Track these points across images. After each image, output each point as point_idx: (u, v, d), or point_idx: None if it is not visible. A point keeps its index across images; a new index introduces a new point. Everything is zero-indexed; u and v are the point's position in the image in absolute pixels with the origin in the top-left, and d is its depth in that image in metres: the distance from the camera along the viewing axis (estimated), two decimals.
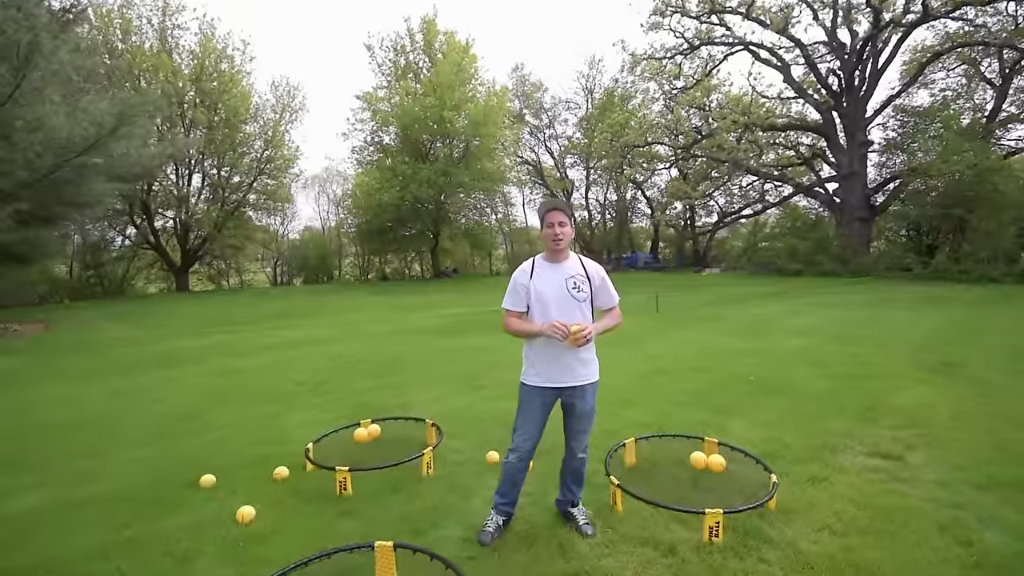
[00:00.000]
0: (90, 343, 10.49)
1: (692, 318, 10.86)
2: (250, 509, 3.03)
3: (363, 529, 2.86)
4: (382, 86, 28.36)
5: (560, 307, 2.57)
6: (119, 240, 28.91)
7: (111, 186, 13.32)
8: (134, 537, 2.89)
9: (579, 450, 2.79)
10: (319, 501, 3.20)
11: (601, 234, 38.66)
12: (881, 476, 3.24)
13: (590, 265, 2.70)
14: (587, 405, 2.70)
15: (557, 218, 2.57)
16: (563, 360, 2.59)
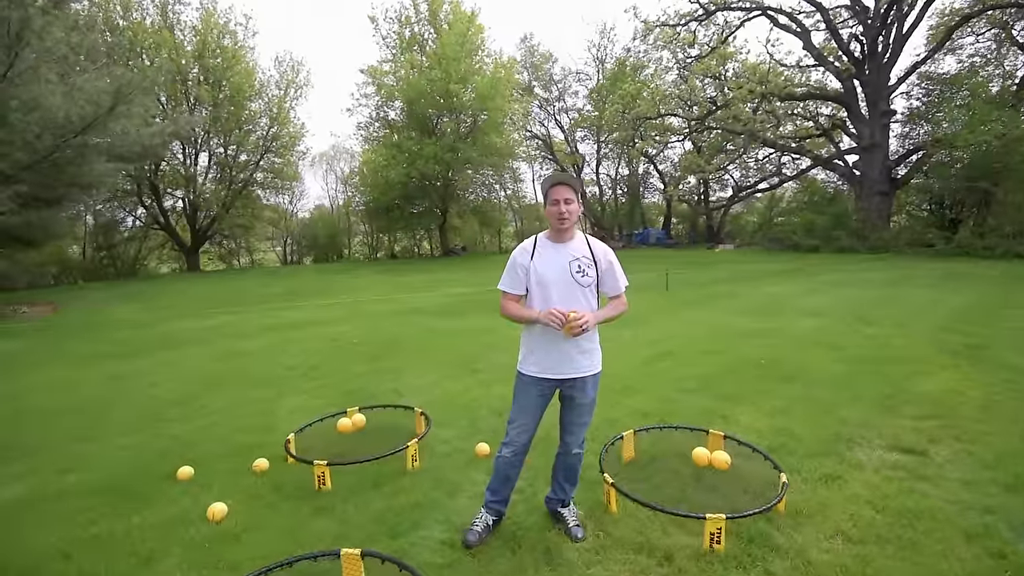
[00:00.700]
0: (96, 325, 10.50)
1: (703, 296, 10.53)
2: (222, 506, 2.88)
3: (337, 529, 2.69)
4: (387, 60, 27.75)
5: (562, 292, 2.33)
6: (130, 221, 29.11)
7: (113, 166, 13.19)
8: (100, 534, 2.75)
9: (575, 445, 2.57)
10: (296, 496, 3.03)
11: (612, 210, 37.99)
12: (901, 474, 2.98)
13: (597, 246, 2.44)
14: (587, 398, 2.48)
15: (563, 194, 2.30)
16: (562, 349, 2.36)
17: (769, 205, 30.66)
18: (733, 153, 27.40)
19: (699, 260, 20.69)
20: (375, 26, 27.82)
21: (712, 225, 32.21)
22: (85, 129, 10.86)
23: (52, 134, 10.58)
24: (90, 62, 13.79)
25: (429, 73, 24.32)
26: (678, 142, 30.42)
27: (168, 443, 3.97)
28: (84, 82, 10.91)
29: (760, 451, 2.96)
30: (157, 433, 4.19)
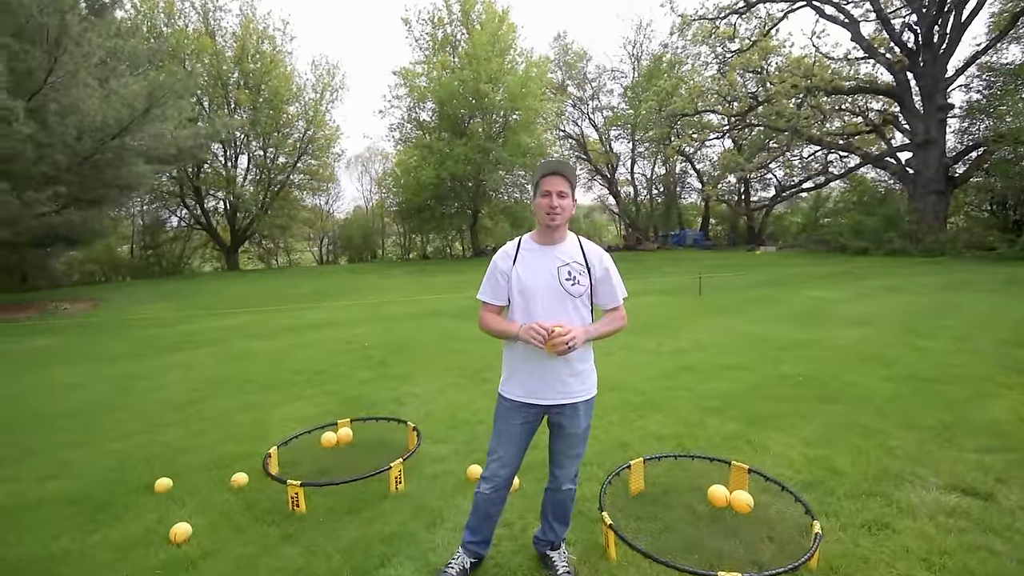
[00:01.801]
0: (126, 323, 10.75)
1: (738, 302, 9.90)
2: (186, 527, 2.66)
3: (301, 561, 2.42)
4: (419, 61, 27.82)
5: (547, 302, 1.98)
6: (174, 221, 30.30)
7: (151, 168, 13.55)
8: (58, 553, 2.58)
9: (566, 480, 2.20)
10: (267, 519, 2.78)
11: (647, 210, 37.03)
12: (962, 522, 2.48)
13: (592, 250, 2.08)
14: (578, 427, 2.11)
15: (557, 185, 1.96)
16: (550, 370, 2.01)
17: (814, 205, 29.17)
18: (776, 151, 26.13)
19: (737, 263, 19.80)
20: (408, 28, 28.02)
21: (753, 226, 30.91)
22: (121, 132, 11.14)
23: (91, 137, 10.91)
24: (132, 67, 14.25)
25: (460, 73, 24.23)
26: (717, 140, 29.30)
27: (157, 450, 3.82)
28: (120, 86, 11.22)
29: (790, 490, 2.52)
30: (149, 439, 4.06)
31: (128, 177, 12.95)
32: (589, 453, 3.34)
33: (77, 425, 4.42)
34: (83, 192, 11.85)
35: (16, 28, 9.14)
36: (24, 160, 9.37)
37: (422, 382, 5.28)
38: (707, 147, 32.11)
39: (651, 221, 36.95)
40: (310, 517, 2.79)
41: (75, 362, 7.00)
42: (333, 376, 5.69)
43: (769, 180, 31.53)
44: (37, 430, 4.34)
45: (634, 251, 30.39)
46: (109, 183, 12.48)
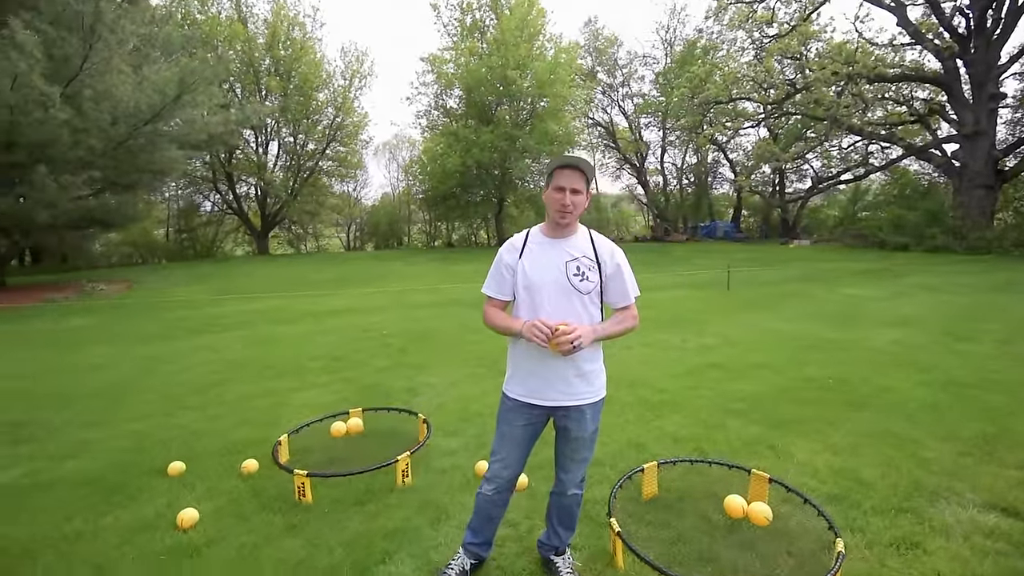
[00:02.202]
0: (158, 305, 11.06)
1: (768, 297, 9.57)
2: (193, 513, 2.67)
3: (302, 553, 2.40)
4: (447, 47, 27.62)
5: (554, 299, 1.88)
6: (208, 205, 31.10)
7: (182, 153, 13.85)
8: (69, 534, 2.61)
9: (571, 485, 2.11)
10: (273, 508, 2.78)
11: (677, 201, 36.22)
12: (1000, 544, 2.29)
13: (603, 245, 1.97)
14: (585, 430, 2.00)
15: (571, 181, 1.84)
16: (554, 370, 1.90)
17: (853, 198, 28.02)
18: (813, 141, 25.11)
19: (769, 256, 19.22)
20: (436, 14, 27.78)
21: (787, 219, 29.92)
22: (154, 117, 11.38)
23: (125, 122, 11.17)
24: (166, 54, 14.53)
25: (488, 60, 23.97)
26: (751, 128, 28.34)
27: (174, 433, 3.88)
28: (152, 72, 11.44)
29: (813, 503, 2.37)
30: (167, 422, 4.13)
31: (161, 162, 13.26)
32: (601, 454, 3.25)
33: (99, 405, 4.53)
34: (118, 176, 12.19)
35: (55, 15, 9.41)
36: (61, 145, 9.69)
37: (438, 372, 5.24)
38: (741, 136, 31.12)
39: (680, 212, 36.15)
40: (316, 508, 2.77)
41: (105, 342, 7.21)
42: (351, 363, 5.70)
43: (805, 171, 30.44)
44: (61, 409, 4.46)
45: (662, 242, 29.83)
46: (142, 168, 12.80)
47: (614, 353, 5.74)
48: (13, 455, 3.54)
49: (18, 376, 5.62)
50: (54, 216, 10.27)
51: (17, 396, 4.87)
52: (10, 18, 8.39)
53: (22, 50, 8.37)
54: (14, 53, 8.29)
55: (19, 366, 6.07)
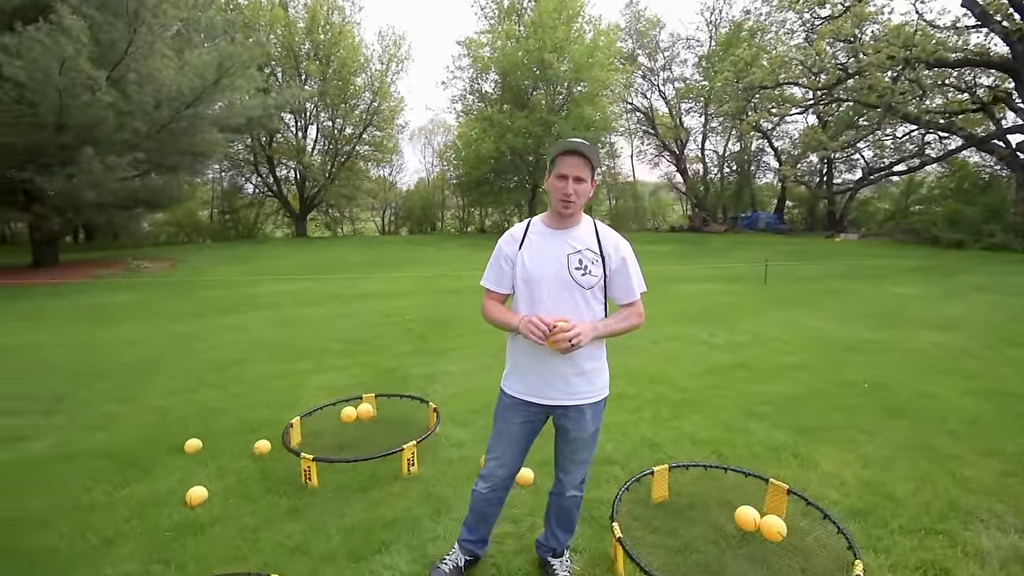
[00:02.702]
0: (196, 284, 11.45)
1: (807, 294, 9.15)
2: (202, 491, 2.72)
3: (301, 538, 2.40)
4: (484, 31, 27.33)
5: (555, 293, 1.78)
6: (250, 188, 32.05)
7: (223, 136, 14.22)
8: (85, 504, 2.71)
9: (570, 486, 2.02)
10: (279, 490, 2.80)
11: (717, 190, 35.03)
12: None
13: (608, 237, 1.85)
14: (585, 431, 1.90)
15: (575, 168, 1.73)
16: (553, 367, 1.81)
17: (906, 191, 26.44)
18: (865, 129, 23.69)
19: (813, 250, 18.41)
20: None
21: (834, 211, 28.50)
22: (195, 101, 11.69)
23: (168, 105, 11.52)
24: (208, 38, 14.89)
25: (525, 43, 23.60)
26: (799, 115, 26.97)
27: (194, 410, 3.98)
28: (193, 57, 11.74)
29: (833, 520, 2.20)
30: (189, 399, 4.24)
31: (202, 144, 13.67)
32: (613, 452, 3.14)
33: (129, 380, 4.69)
34: (161, 158, 12.64)
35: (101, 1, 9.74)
36: (107, 127, 10.09)
37: (457, 360, 5.21)
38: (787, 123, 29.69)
39: (720, 201, 34.99)
40: (320, 492, 2.77)
41: (143, 318, 7.51)
42: (372, 348, 5.74)
43: (856, 161, 28.86)
44: (95, 382, 4.64)
45: (699, 233, 28.98)
46: (184, 150, 13.23)
47: (637, 346, 5.58)
48: (46, 426, 3.70)
49: (62, 348, 5.91)
50: (100, 196, 10.75)
51: (57, 369, 5.10)
52: (58, 3, 8.75)
53: (69, 35, 8.72)
54: (62, 38, 8.65)
55: (64, 339, 6.38)
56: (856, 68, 19.97)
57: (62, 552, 2.32)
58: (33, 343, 6.20)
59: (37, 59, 8.56)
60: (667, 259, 17.33)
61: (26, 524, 2.54)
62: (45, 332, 6.80)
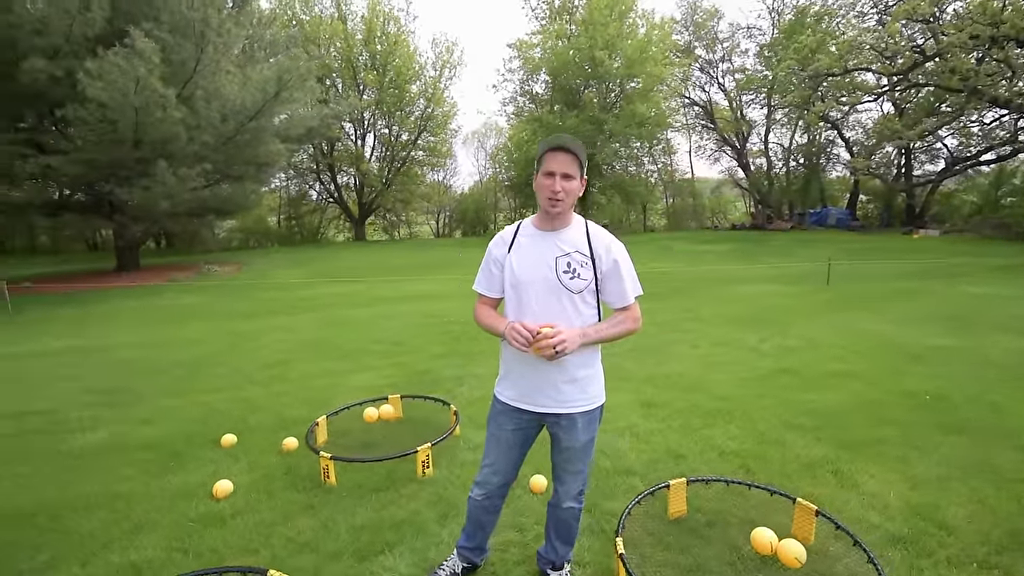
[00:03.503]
0: (258, 286, 12.14)
1: (873, 295, 8.48)
2: (228, 485, 2.85)
3: (311, 535, 2.45)
4: (535, 32, 27.35)
5: (542, 298, 1.72)
6: (313, 195, 33.70)
7: (284, 146, 15.02)
8: (124, 492, 2.90)
9: (567, 497, 1.95)
10: (299, 487, 2.89)
11: (782, 185, 33.17)
12: None
13: (599, 238, 1.77)
14: (576, 440, 1.83)
15: (562, 165, 1.66)
16: (544, 374, 1.75)
17: (996, 182, 23.94)
18: (947, 116, 21.70)
19: (887, 248, 17.08)
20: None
21: (913, 205, 26.24)
22: (257, 114, 12.42)
23: (233, 119, 12.30)
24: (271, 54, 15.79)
25: (576, 41, 23.40)
26: (872, 103, 25.04)
27: (236, 406, 4.18)
28: (255, 72, 12.48)
29: (863, 546, 2.00)
30: (234, 395, 4.47)
31: (265, 155, 14.49)
32: (634, 462, 3.02)
33: (183, 376, 5.02)
34: (228, 168, 13.54)
35: (173, 24, 10.56)
36: (178, 141, 10.93)
37: (487, 362, 5.21)
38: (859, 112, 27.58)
39: (786, 197, 33.13)
40: (337, 490, 2.83)
41: (205, 319, 8.03)
42: (409, 348, 5.84)
43: (938, 151, 26.41)
44: (153, 378, 5.00)
45: (762, 231, 27.55)
46: (249, 160, 14.09)
47: (677, 352, 5.37)
48: (103, 418, 4.01)
49: (130, 347, 6.42)
50: (174, 205, 11.65)
51: (123, 365, 5.54)
52: (131, 28, 9.57)
53: (142, 57, 9.51)
54: (136, 60, 9.45)
55: (134, 338, 6.93)
56: (935, 50, 18.32)
57: (98, 536, 2.49)
58: (105, 343, 6.77)
59: (115, 80, 9.42)
60: (725, 259, 16.62)
61: (74, 507, 2.75)
62: (118, 332, 7.42)
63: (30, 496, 2.87)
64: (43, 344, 6.75)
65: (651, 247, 21.10)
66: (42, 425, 3.92)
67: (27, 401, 4.49)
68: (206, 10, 10.57)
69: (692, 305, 8.25)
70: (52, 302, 10.36)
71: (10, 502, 2.81)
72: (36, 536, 2.51)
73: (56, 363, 5.75)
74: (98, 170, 11.09)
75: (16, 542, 2.46)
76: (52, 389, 4.80)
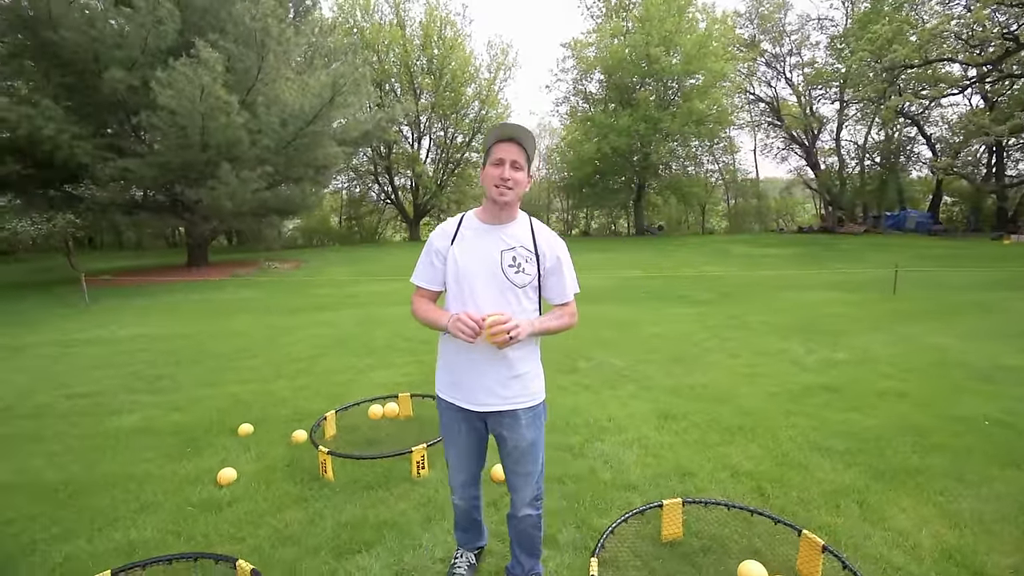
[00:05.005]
0: (310, 283, 12.68)
1: (946, 306, 7.70)
2: (231, 473, 2.95)
3: (298, 527, 2.48)
4: (591, 31, 27.02)
5: (487, 292, 1.70)
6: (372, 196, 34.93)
7: (340, 149, 15.63)
8: (140, 474, 3.05)
9: (523, 505, 1.89)
10: (296, 479, 2.94)
11: (856, 186, 30.93)
12: None
13: (544, 235, 1.77)
14: (522, 439, 1.78)
15: (510, 153, 1.64)
16: (485, 371, 1.72)
17: None
18: None
19: (971, 254, 15.51)
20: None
21: (1005, 208, 23.76)
22: (314, 119, 12.99)
23: (292, 124, 12.93)
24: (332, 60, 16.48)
25: (631, 38, 22.90)
26: (957, 96, 22.85)
27: (260, 398, 4.33)
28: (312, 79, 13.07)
29: None
30: (260, 388, 4.63)
31: (323, 158, 15.15)
32: (638, 478, 2.85)
33: (220, 367, 5.27)
34: (288, 171, 14.25)
35: (238, 34, 11.26)
36: (241, 145, 11.63)
37: None
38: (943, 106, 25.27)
39: (860, 198, 30.88)
40: (332, 485, 2.85)
41: (253, 312, 8.45)
42: (434, 346, 5.84)
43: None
44: (192, 367, 5.29)
45: (832, 234, 25.80)
46: (308, 163, 14.77)
47: (711, 361, 5.09)
48: (140, 403, 4.27)
49: (181, 337, 6.84)
50: (237, 205, 12.41)
51: (171, 354, 5.91)
52: (196, 39, 10.28)
53: (207, 66, 10.20)
54: (201, 69, 10.14)
55: (187, 329, 7.40)
56: None
57: (107, 514, 2.63)
58: (162, 333, 7.26)
59: (183, 88, 10.16)
60: (786, 263, 15.68)
61: (94, 485, 2.93)
62: (176, 322, 7.94)
63: (58, 472, 3.09)
64: (109, 332, 7.33)
65: (706, 250, 20.26)
66: (87, 407, 4.22)
67: (81, 383, 4.87)
68: (267, 20, 11.20)
69: (739, 312, 7.81)
70: (125, 294, 11.28)
71: (39, 477, 3.04)
72: (55, 509, 2.69)
73: (115, 350, 6.22)
74: (170, 172, 12.01)
75: (37, 514, 2.64)
76: (104, 373, 5.19)
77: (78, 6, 10.44)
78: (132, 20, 10.37)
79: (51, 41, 10.29)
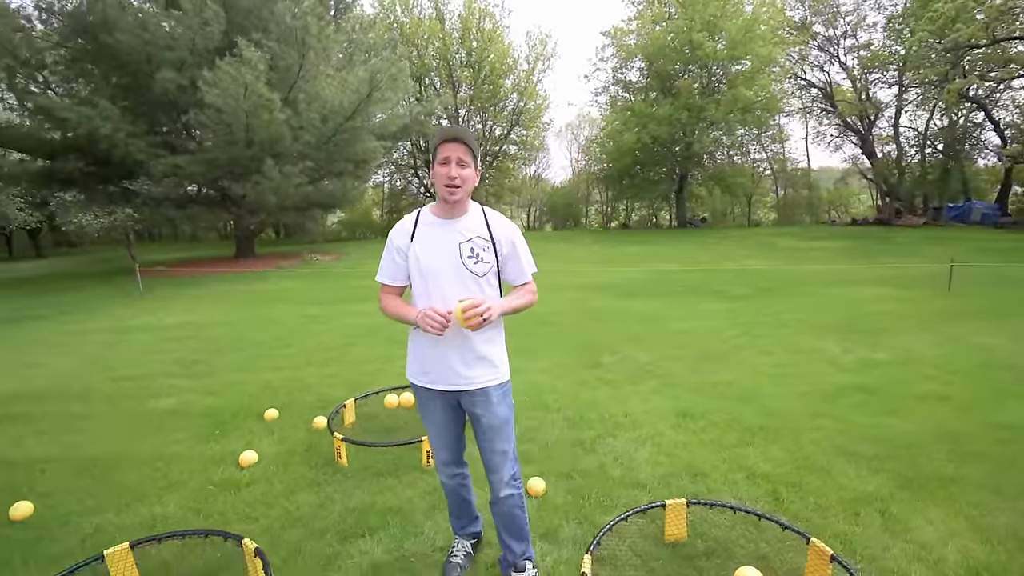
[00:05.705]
0: (349, 274, 13.03)
1: (1005, 305, 7.17)
2: (252, 455, 3.08)
3: (308, 510, 2.58)
4: (632, 18, 26.36)
5: (450, 284, 1.79)
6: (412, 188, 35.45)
7: (379, 144, 15.93)
8: (169, 453, 3.24)
9: (501, 485, 1.93)
10: (313, 463, 3.05)
11: (915, 175, 29.01)
12: None
13: (497, 223, 1.87)
14: (496, 416, 1.87)
15: (455, 152, 1.72)
16: (448, 355, 1.80)
17: None
18: None
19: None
20: None
21: None
22: (353, 114, 13.28)
23: (332, 119, 13.27)
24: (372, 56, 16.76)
25: (674, 23, 22.20)
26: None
27: (290, 384, 4.50)
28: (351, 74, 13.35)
29: None
30: (292, 375, 4.81)
31: (362, 152, 15.48)
32: (648, 476, 2.80)
33: (255, 354, 5.51)
34: (329, 166, 14.67)
35: (280, 33, 11.62)
36: (284, 141, 12.04)
37: (533, 356, 5.14)
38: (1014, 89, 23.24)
39: (920, 189, 28.96)
40: (345, 470, 2.94)
41: (293, 301, 8.76)
42: None
43: None
44: (230, 353, 5.54)
45: (888, 226, 24.34)
46: (348, 158, 15.15)
47: (740, 359, 4.93)
48: (177, 387, 4.51)
49: (223, 325, 7.18)
50: (280, 199, 12.88)
51: (212, 341, 6.21)
52: (239, 39, 10.68)
53: (249, 64, 10.59)
54: (243, 68, 10.54)
55: (229, 317, 7.75)
56: None
57: (135, 490, 2.80)
58: (206, 320, 7.63)
59: (227, 87, 10.60)
60: (835, 257, 14.95)
61: (126, 462, 3.13)
62: (220, 311, 8.33)
63: (96, 449, 3.31)
64: (158, 319, 7.77)
65: (749, 243, 19.54)
66: (131, 389, 4.50)
67: (128, 367, 5.20)
68: (307, 19, 11.52)
69: (778, 308, 7.51)
70: (177, 284, 11.93)
71: (79, 452, 3.26)
72: (90, 484, 2.88)
73: (162, 336, 6.60)
74: (218, 168, 12.59)
75: (74, 488, 2.84)
76: (150, 358, 5.51)
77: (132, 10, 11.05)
78: (181, 22, 10.90)
79: (108, 44, 10.97)
